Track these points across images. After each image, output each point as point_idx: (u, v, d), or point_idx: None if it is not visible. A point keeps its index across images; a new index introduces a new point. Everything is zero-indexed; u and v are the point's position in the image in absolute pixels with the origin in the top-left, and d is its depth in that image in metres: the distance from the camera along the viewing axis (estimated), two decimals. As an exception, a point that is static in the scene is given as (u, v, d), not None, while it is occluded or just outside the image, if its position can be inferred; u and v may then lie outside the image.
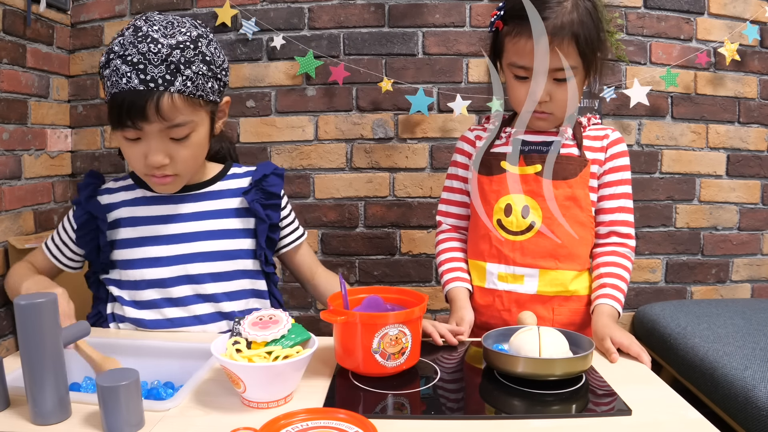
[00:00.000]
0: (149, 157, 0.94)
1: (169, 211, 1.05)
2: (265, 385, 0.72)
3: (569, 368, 0.79)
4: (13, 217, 1.71)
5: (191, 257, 1.03)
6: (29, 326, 0.66)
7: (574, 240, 1.07)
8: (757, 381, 1.30)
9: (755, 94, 1.95)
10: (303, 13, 1.92)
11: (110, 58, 0.90)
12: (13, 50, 1.68)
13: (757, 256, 2.03)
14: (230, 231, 1.06)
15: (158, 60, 0.89)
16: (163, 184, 1.00)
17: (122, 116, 0.90)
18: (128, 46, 0.89)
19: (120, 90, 0.89)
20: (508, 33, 1.02)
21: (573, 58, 0.99)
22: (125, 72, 0.89)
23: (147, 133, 0.92)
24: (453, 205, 1.22)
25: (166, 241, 1.03)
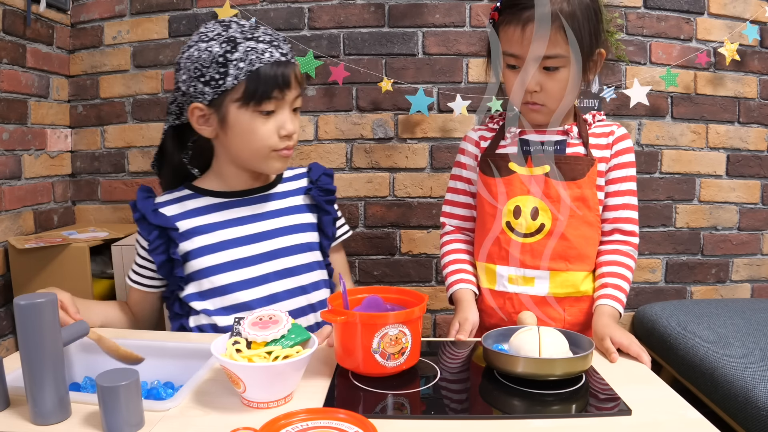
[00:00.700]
0: (286, 126, 1.01)
1: (244, 213, 1.09)
2: (265, 385, 0.72)
3: (569, 368, 0.79)
4: (13, 217, 1.71)
5: (276, 253, 1.08)
6: (29, 326, 0.66)
7: (584, 241, 1.07)
8: (757, 381, 1.30)
9: (755, 94, 1.96)
10: (303, 13, 1.92)
11: (236, 42, 0.97)
12: (13, 50, 1.68)
13: (757, 256, 2.03)
14: (303, 225, 1.12)
15: (281, 40, 1.03)
16: (286, 158, 1.06)
17: (270, 87, 0.97)
18: (250, 32, 0.99)
19: (264, 64, 0.97)
20: (501, 22, 1.03)
21: (561, 47, 0.98)
22: (264, 48, 0.98)
23: (283, 104, 1.01)
24: (457, 206, 1.22)
25: (251, 240, 1.07)
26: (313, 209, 1.14)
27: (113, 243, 1.62)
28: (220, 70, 0.97)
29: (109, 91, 1.98)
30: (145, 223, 1.05)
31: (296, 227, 1.11)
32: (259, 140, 1.01)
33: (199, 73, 0.99)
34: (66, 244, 1.59)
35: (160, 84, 1.96)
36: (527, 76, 1.01)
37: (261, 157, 1.04)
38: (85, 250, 1.58)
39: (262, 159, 1.04)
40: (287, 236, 1.09)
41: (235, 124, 1.01)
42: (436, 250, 2.00)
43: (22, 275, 1.62)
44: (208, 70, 0.98)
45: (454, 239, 1.21)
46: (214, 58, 0.97)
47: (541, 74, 1.01)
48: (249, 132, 1.01)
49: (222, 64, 0.97)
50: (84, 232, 1.78)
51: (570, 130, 1.09)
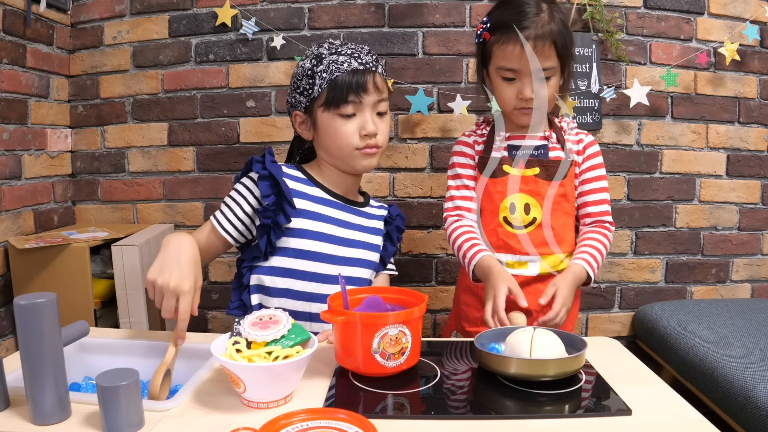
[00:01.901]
0: (366, 126, 1.13)
1: (342, 216, 1.21)
2: (265, 385, 0.72)
3: (561, 368, 0.79)
4: (13, 217, 1.71)
5: (355, 261, 1.19)
6: (29, 326, 0.66)
7: (564, 228, 1.26)
8: (757, 381, 1.30)
9: (755, 94, 1.95)
10: (303, 13, 1.92)
11: (322, 57, 1.14)
12: (13, 50, 1.68)
13: (757, 256, 2.03)
14: (377, 246, 1.26)
15: (365, 52, 1.17)
16: (372, 156, 1.17)
17: (345, 91, 1.11)
18: (336, 48, 1.15)
19: (342, 72, 1.12)
20: (496, 41, 1.19)
21: (553, 60, 1.18)
22: (344, 60, 1.13)
23: (363, 107, 1.14)
24: (459, 199, 1.32)
25: (340, 242, 1.18)
26: (384, 237, 1.28)
27: (113, 243, 1.61)
28: (309, 81, 1.15)
29: (109, 91, 1.98)
30: (270, 183, 1.12)
31: (373, 246, 1.25)
32: (342, 139, 1.14)
33: (296, 86, 1.18)
34: (66, 244, 1.59)
35: (160, 84, 1.96)
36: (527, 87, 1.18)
37: (347, 155, 1.16)
38: (85, 250, 1.58)
39: (348, 156, 1.16)
40: (366, 250, 1.22)
41: (322, 126, 1.16)
42: (436, 250, 2.00)
43: (22, 275, 1.62)
44: (302, 82, 1.16)
45: (460, 224, 1.29)
46: (306, 72, 1.15)
47: (535, 83, 1.18)
48: (333, 132, 1.15)
49: (310, 76, 1.14)
50: (84, 232, 1.78)
51: (550, 136, 1.28)
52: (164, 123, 1.97)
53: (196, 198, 1.99)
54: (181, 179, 1.99)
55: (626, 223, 1.96)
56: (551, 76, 1.19)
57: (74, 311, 1.56)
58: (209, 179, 1.98)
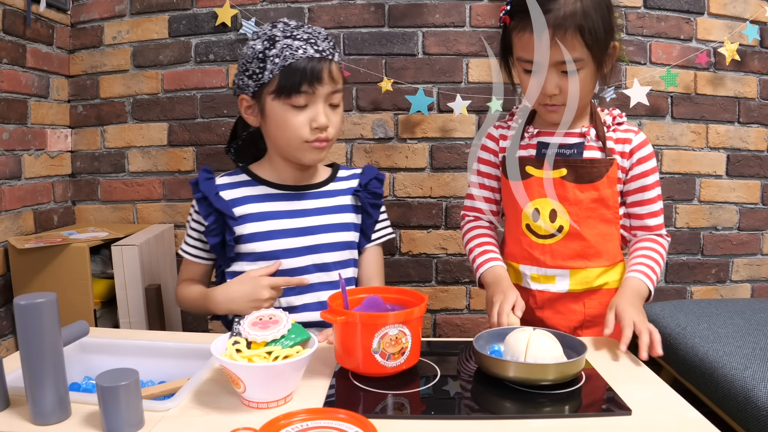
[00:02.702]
0: (317, 119, 1.07)
1: (294, 206, 1.16)
2: (265, 385, 0.72)
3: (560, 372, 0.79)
4: (13, 217, 1.71)
5: (320, 248, 1.15)
6: (29, 326, 0.66)
7: (601, 238, 1.10)
8: (757, 381, 1.30)
9: (755, 94, 1.95)
10: (303, 13, 1.92)
11: (275, 39, 1.06)
12: (13, 50, 1.68)
13: (757, 256, 2.03)
14: (347, 224, 1.19)
15: (322, 38, 1.09)
16: (320, 150, 1.11)
17: (299, 81, 1.04)
18: (290, 31, 1.08)
19: (296, 59, 1.04)
20: (514, 28, 1.02)
21: (579, 50, 0.97)
22: (299, 45, 1.05)
23: (315, 98, 1.07)
24: (478, 200, 1.23)
25: (297, 234, 1.14)
26: (359, 210, 1.21)
27: (113, 243, 1.61)
28: (260, 65, 1.07)
29: (109, 91, 1.98)
30: (206, 204, 1.12)
31: (339, 226, 1.18)
32: (291, 131, 1.08)
33: (244, 68, 1.10)
34: (66, 244, 1.59)
35: (160, 84, 1.96)
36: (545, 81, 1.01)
37: (295, 147, 1.10)
38: (85, 250, 1.58)
39: (296, 149, 1.11)
40: (329, 233, 1.16)
41: (271, 114, 1.09)
42: (436, 250, 2.00)
43: (22, 275, 1.62)
44: (251, 65, 1.08)
45: (475, 226, 1.22)
46: (256, 54, 1.07)
47: (559, 77, 1.01)
48: (282, 122, 1.09)
49: (261, 59, 1.06)
50: (84, 232, 1.77)
51: (587, 132, 1.09)
52: (164, 123, 1.97)
53: (196, 198, 1.99)
54: (181, 179, 1.99)
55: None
56: (579, 69, 0.99)
57: (74, 311, 1.56)
58: (209, 179, 1.98)
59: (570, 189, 1.07)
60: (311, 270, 1.14)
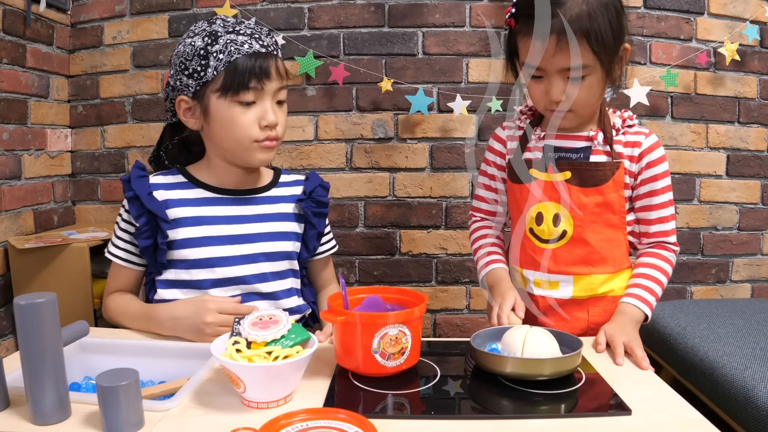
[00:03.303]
0: (267, 117, 1.03)
1: (232, 212, 1.09)
2: (265, 385, 0.72)
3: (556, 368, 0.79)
4: (13, 217, 1.71)
5: (257, 257, 1.08)
6: (29, 326, 0.66)
7: (607, 244, 1.06)
8: (757, 381, 1.30)
9: (755, 94, 1.95)
10: (303, 13, 1.92)
11: (217, 35, 1.01)
12: (13, 50, 1.68)
13: (757, 256, 2.03)
14: (286, 234, 1.12)
15: (265, 33, 1.05)
16: (270, 149, 1.06)
17: (247, 77, 0.99)
18: (232, 26, 1.03)
19: (242, 54, 1.00)
20: (519, 32, 0.99)
21: (586, 56, 0.94)
22: (244, 41, 1.01)
23: (264, 94, 1.03)
24: (483, 201, 1.23)
25: (234, 241, 1.07)
26: (301, 219, 1.14)
27: (113, 243, 1.61)
28: (202, 62, 1.00)
29: (109, 91, 1.98)
30: (137, 203, 1.04)
31: (279, 235, 1.11)
32: (239, 130, 1.02)
33: (183, 67, 1.03)
34: (66, 244, 1.59)
35: (160, 84, 1.96)
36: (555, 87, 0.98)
37: (243, 148, 1.04)
38: (85, 250, 1.58)
39: (245, 150, 1.04)
40: (268, 242, 1.09)
41: (216, 114, 1.03)
42: (436, 250, 2.00)
43: (22, 275, 1.62)
44: (191, 63, 1.02)
45: (481, 226, 1.23)
46: (197, 51, 1.01)
47: (565, 83, 0.97)
48: (229, 122, 1.02)
49: (203, 56, 1.00)
50: (84, 232, 1.77)
51: (595, 137, 1.05)
52: (164, 123, 1.97)
53: (196, 198, 1.99)
54: (181, 179, 1.99)
55: (626, 223, 1.96)
56: (586, 75, 0.96)
57: (74, 311, 1.56)
58: (209, 179, 1.98)
59: (574, 192, 1.04)
60: (247, 280, 1.07)
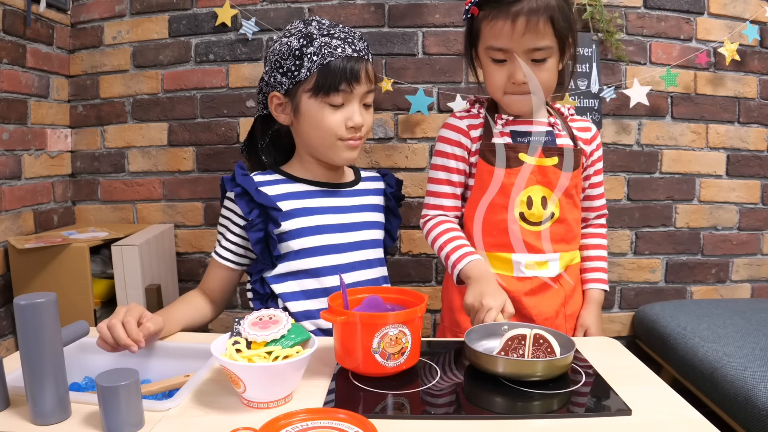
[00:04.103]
0: (353, 118, 1.07)
1: (333, 203, 1.16)
2: (265, 385, 0.72)
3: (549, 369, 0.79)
4: (13, 217, 1.71)
5: (360, 244, 1.16)
6: (29, 326, 0.66)
7: (576, 222, 1.19)
8: (757, 381, 1.30)
9: (755, 94, 1.95)
10: (303, 13, 1.92)
11: (313, 37, 1.06)
12: (13, 50, 1.68)
13: (757, 256, 2.03)
14: (378, 223, 1.22)
15: (358, 38, 1.10)
16: (354, 148, 1.11)
17: (338, 79, 1.04)
18: (327, 29, 1.08)
19: (335, 58, 1.04)
20: (485, 17, 1.06)
21: (549, 39, 1.04)
22: (337, 44, 1.05)
23: (352, 97, 1.07)
24: (444, 197, 1.19)
25: (339, 230, 1.14)
26: (385, 211, 1.24)
27: (113, 243, 1.62)
28: (296, 62, 1.05)
29: (109, 91, 1.98)
30: (247, 198, 1.08)
31: (374, 224, 1.20)
32: (326, 129, 1.08)
33: (278, 65, 1.08)
34: (66, 244, 1.59)
35: (160, 84, 1.96)
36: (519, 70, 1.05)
37: (328, 146, 1.10)
38: (85, 250, 1.58)
39: (329, 147, 1.10)
40: (368, 230, 1.18)
41: (306, 112, 1.08)
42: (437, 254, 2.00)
43: (22, 275, 1.62)
44: (286, 62, 1.06)
45: (442, 221, 1.18)
46: (292, 52, 1.06)
47: (529, 65, 1.06)
48: (318, 121, 1.08)
49: (298, 56, 1.05)
50: (84, 232, 1.78)
51: (556, 123, 1.16)
52: (164, 123, 1.97)
53: (196, 198, 1.99)
54: (181, 179, 1.99)
55: (626, 223, 1.96)
56: (547, 57, 1.05)
57: (74, 311, 1.56)
58: (209, 179, 1.98)
59: (560, 176, 1.13)
60: (357, 267, 1.14)
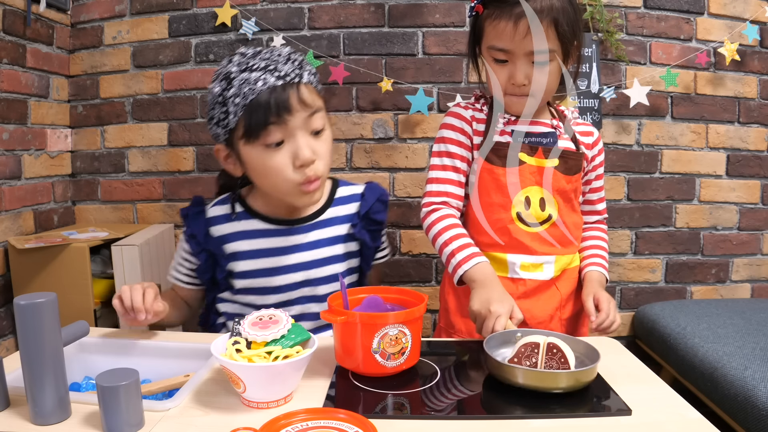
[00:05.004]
0: (300, 154, 0.95)
1: (287, 242, 1.09)
2: (265, 385, 0.72)
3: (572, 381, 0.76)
4: (13, 217, 1.71)
5: (314, 282, 1.10)
6: (29, 326, 0.66)
7: (575, 226, 1.16)
8: (757, 381, 1.30)
9: (755, 94, 1.95)
10: (303, 13, 1.92)
11: (231, 77, 0.94)
12: (13, 50, 1.68)
13: (757, 256, 2.03)
14: (342, 256, 1.13)
15: (283, 60, 0.96)
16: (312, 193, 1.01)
17: (267, 115, 0.92)
18: (246, 62, 0.95)
19: (256, 94, 0.92)
20: (488, 16, 1.04)
21: (552, 42, 1.01)
22: (258, 77, 0.93)
23: (290, 130, 0.95)
24: (448, 183, 1.15)
25: (289, 270, 1.08)
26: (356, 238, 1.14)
27: (113, 243, 1.61)
28: (223, 109, 0.96)
29: (109, 91, 1.98)
30: (195, 242, 1.08)
31: (337, 258, 1.12)
32: (275, 175, 0.97)
33: (210, 116, 1.00)
34: (66, 244, 1.59)
35: (160, 84, 1.96)
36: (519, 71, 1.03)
37: (285, 193, 1.01)
38: (85, 250, 1.58)
39: (286, 194, 1.01)
40: (327, 266, 1.11)
41: (249, 161, 0.98)
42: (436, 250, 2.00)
43: (22, 275, 1.62)
44: (215, 111, 0.98)
45: (446, 215, 1.13)
46: (216, 99, 0.97)
47: (530, 67, 1.03)
48: (262, 168, 0.98)
49: (222, 103, 0.96)
50: (84, 232, 1.77)
51: (558, 125, 1.14)
52: (164, 123, 1.97)
53: (196, 198, 1.99)
54: (181, 179, 1.99)
55: (626, 223, 1.96)
56: (549, 61, 1.02)
57: (74, 311, 1.56)
58: (209, 179, 1.98)
59: (560, 179, 1.11)
60: (303, 301, 1.11)
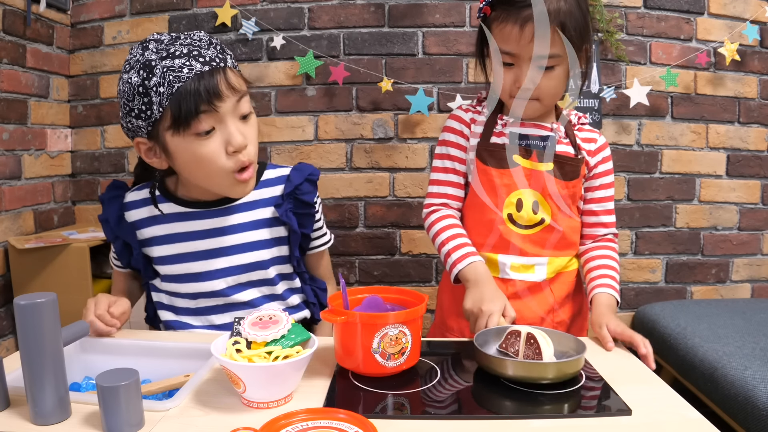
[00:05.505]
0: (232, 141, 0.91)
1: (206, 225, 1.04)
2: (265, 385, 0.72)
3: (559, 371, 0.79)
4: (13, 217, 1.71)
5: (237, 269, 1.04)
6: (29, 326, 0.66)
7: (571, 230, 1.13)
8: (757, 381, 1.30)
9: (755, 94, 1.95)
10: (303, 13, 1.92)
11: (152, 65, 0.88)
12: (13, 50, 1.68)
13: (757, 256, 2.03)
14: (267, 242, 1.06)
15: (207, 44, 0.92)
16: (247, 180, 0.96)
17: (197, 103, 0.87)
18: (166, 48, 0.89)
19: (183, 81, 0.87)
20: (495, 18, 1.02)
21: (558, 46, 0.99)
22: (182, 63, 0.88)
23: (221, 117, 0.91)
24: (449, 185, 1.16)
25: (209, 256, 1.03)
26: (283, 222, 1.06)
27: (113, 243, 1.61)
28: (144, 100, 0.89)
29: (109, 91, 1.98)
30: (108, 227, 1.05)
31: (260, 243, 1.05)
32: (208, 164, 0.93)
33: (128, 108, 0.92)
34: (66, 244, 1.59)
35: (160, 84, 1.96)
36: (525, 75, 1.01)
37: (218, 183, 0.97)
38: (85, 250, 1.58)
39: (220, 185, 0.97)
40: (245, 254, 1.04)
41: (177, 152, 0.93)
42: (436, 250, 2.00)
43: (22, 275, 1.62)
44: (134, 103, 0.90)
45: (445, 215, 1.15)
46: (135, 89, 0.89)
47: (535, 72, 1.01)
48: (193, 158, 0.92)
49: (143, 93, 0.89)
50: (84, 232, 1.77)
51: (558, 128, 1.11)
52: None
53: (196, 198, 1.99)
54: (181, 179, 1.99)
55: (626, 223, 1.96)
56: (556, 65, 1.01)
57: (74, 311, 1.56)
58: (209, 179, 1.97)
59: (553, 182, 1.09)
60: (228, 293, 1.04)
